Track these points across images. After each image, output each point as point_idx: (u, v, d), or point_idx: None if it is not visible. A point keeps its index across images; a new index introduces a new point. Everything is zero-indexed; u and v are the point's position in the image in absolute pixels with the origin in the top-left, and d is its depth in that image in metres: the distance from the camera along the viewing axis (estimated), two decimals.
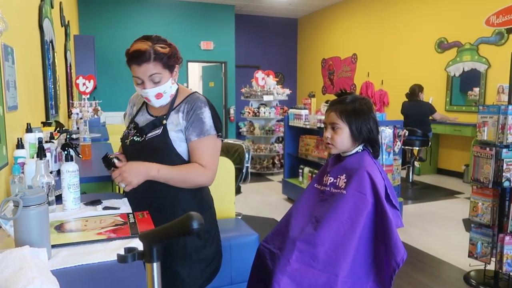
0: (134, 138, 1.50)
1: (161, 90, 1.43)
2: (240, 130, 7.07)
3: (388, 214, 1.38)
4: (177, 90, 1.52)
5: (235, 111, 9.40)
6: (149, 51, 1.38)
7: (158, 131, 1.46)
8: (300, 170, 4.75)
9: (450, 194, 5.27)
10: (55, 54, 3.66)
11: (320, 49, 9.82)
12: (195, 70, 11.18)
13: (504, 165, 2.48)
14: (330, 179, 1.52)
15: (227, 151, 4.08)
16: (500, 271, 2.60)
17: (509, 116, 2.45)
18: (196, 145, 1.45)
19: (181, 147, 1.47)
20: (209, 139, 1.46)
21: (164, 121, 1.46)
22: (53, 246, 1.04)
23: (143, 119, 1.54)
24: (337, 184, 1.49)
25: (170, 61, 1.43)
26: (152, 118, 1.52)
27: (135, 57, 1.39)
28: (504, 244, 2.55)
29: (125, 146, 1.53)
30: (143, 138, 1.47)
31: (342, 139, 1.50)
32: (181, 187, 1.47)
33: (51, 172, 1.57)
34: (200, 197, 1.55)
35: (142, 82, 1.42)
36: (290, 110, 5.03)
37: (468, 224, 3.67)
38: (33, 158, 1.62)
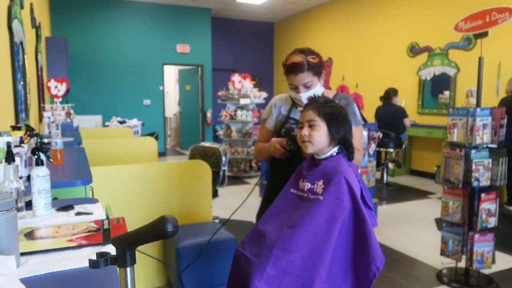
0: None
1: (311, 93, 1.71)
2: (217, 133, 7.04)
3: (366, 219, 1.38)
4: (323, 92, 1.77)
5: (212, 114, 9.37)
6: (303, 63, 1.65)
7: None
8: None
9: (423, 194, 5.41)
10: (25, 56, 3.56)
11: None
12: (171, 73, 11.08)
13: (473, 165, 2.57)
14: (307, 185, 1.51)
15: (203, 154, 4.06)
16: (471, 268, 2.69)
17: (478, 118, 2.54)
18: (353, 132, 1.76)
19: None
20: (360, 128, 1.81)
21: None
22: (22, 254, 1.01)
23: (299, 116, 1.74)
24: (315, 190, 1.48)
25: (319, 69, 1.71)
26: None
27: (293, 69, 1.67)
28: (474, 242, 2.64)
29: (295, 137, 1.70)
30: None
31: (320, 136, 1.48)
32: None
33: (20, 177, 1.52)
34: None
35: (296, 88, 1.71)
36: None
37: (440, 223, 3.77)
38: (1, 163, 1.57)
